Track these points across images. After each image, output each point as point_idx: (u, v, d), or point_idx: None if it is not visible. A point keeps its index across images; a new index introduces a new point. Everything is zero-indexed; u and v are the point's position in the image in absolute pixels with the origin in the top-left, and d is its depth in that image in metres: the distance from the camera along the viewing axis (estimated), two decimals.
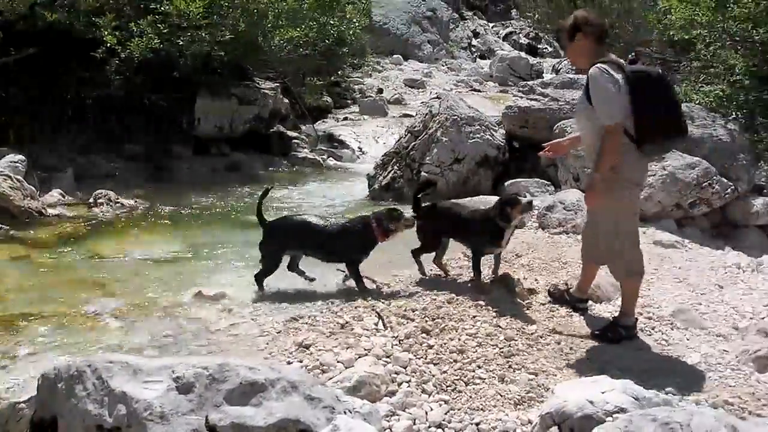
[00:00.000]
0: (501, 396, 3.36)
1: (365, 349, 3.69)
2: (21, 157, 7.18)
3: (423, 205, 5.00)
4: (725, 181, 6.60)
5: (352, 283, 4.79)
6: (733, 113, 8.15)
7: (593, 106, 3.76)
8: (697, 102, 8.29)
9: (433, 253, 4.99)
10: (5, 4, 7.77)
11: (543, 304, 4.50)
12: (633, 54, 4.17)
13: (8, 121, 8.24)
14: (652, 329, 4.31)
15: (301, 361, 3.60)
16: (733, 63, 8.80)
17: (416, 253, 4.98)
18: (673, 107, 3.78)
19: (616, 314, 4.22)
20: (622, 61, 3.89)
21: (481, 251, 4.74)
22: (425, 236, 4.93)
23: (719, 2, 8.36)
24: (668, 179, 6.45)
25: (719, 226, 6.80)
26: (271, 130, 10.56)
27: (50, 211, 6.80)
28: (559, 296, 4.50)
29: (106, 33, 8.25)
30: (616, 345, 4.01)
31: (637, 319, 4.23)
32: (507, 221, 4.54)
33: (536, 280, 4.90)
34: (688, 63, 10.21)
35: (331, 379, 3.37)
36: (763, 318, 4.49)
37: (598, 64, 3.75)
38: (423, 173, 7.42)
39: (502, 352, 3.76)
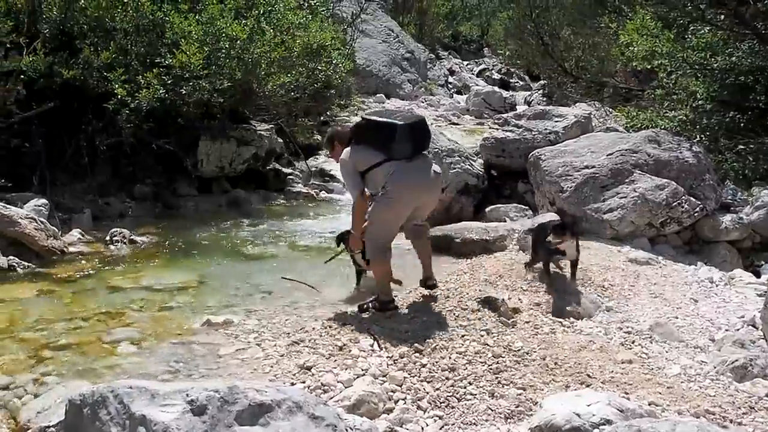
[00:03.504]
0: (492, 410, 3.34)
1: (363, 369, 3.69)
2: (44, 201, 7.30)
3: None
4: (694, 200, 6.64)
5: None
6: (697, 136, 8.23)
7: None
8: (663, 127, 8.37)
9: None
10: (27, 64, 7.89)
11: (527, 322, 4.49)
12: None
13: (31, 169, 8.31)
14: (632, 343, 4.30)
15: (303, 382, 3.59)
16: (695, 89, 8.90)
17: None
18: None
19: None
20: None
21: None
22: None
23: (678, 33, 8.48)
24: (639, 200, 6.49)
25: (690, 242, 6.81)
26: (268, 167, 10.65)
27: (71, 249, 6.85)
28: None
29: (116, 86, 8.36)
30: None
31: (393, 300, 4.67)
32: None
33: (519, 299, 4.87)
34: (652, 91, 10.34)
35: (332, 398, 3.36)
36: (738, 329, 4.49)
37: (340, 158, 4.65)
38: None
39: (490, 368, 3.75)
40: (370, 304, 4.68)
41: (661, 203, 6.49)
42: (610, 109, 12.26)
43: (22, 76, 8.00)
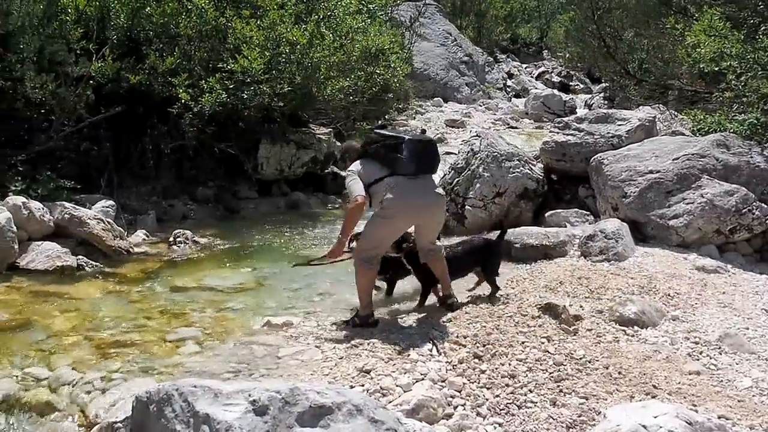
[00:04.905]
0: (553, 419, 3.28)
1: (421, 374, 3.67)
2: (111, 202, 7.60)
3: None
4: (765, 206, 6.38)
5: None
6: None
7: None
8: (732, 130, 8.06)
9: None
10: (96, 69, 8.22)
11: (589, 330, 4.39)
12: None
13: (99, 171, 8.64)
14: (700, 354, 4.16)
15: (362, 385, 3.60)
16: (766, 92, 8.54)
17: None
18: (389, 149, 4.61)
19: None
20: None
21: None
22: None
23: (748, 34, 8.15)
24: (707, 206, 6.28)
25: (762, 251, 6.54)
26: (326, 171, 10.82)
27: (136, 249, 7.12)
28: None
29: (180, 91, 8.62)
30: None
31: (372, 314, 4.61)
32: None
33: (581, 306, 4.79)
34: (720, 93, 9.97)
35: (391, 402, 3.36)
36: None
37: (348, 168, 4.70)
38: (467, 207, 7.41)
39: (552, 376, 3.69)
40: (356, 320, 4.65)
41: (730, 209, 6.27)
42: (676, 113, 11.87)
43: (91, 81, 8.33)
